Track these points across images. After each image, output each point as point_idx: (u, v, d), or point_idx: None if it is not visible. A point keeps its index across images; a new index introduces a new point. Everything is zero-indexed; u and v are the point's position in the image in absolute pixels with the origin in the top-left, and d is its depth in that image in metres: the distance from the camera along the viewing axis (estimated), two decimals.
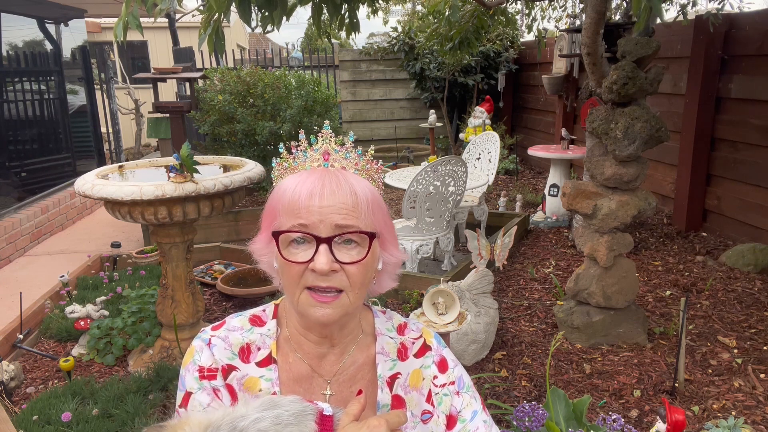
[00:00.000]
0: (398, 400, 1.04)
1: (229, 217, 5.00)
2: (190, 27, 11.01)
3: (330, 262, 0.91)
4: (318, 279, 0.93)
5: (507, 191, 6.26)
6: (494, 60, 8.20)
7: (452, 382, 1.07)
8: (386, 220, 1.02)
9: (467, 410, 1.07)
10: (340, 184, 0.95)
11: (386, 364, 1.06)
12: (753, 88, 4.14)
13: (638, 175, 2.90)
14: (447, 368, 1.08)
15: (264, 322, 1.07)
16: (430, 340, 1.11)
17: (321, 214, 0.92)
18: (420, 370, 1.07)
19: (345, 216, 0.93)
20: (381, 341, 1.07)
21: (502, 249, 3.02)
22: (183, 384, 1.02)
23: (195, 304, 3.05)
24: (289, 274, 0.95)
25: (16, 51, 5.90)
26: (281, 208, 0.96)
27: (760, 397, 2.59)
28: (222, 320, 1.08)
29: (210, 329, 1.06)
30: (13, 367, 2.91)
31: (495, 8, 4.29)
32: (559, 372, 2.88)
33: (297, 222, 0.93)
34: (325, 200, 0.93)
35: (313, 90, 5.89)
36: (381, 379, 1.04)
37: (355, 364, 1.05)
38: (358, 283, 0.95)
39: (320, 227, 0.92)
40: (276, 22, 2.55)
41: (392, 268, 1.06)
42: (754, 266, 3.88)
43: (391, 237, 1.03)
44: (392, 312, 1.15)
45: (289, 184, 0.97)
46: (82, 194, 2.65)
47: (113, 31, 2.33)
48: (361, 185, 0.97)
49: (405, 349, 1.08)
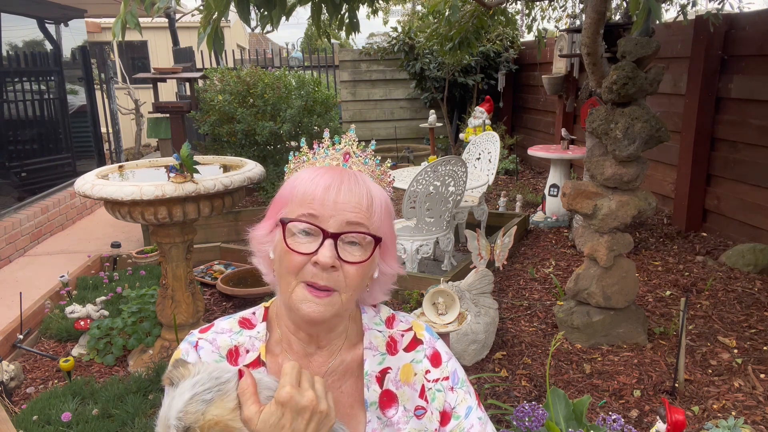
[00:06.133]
0: (389, 395, 1.03)
1: (229, 217, 5.00)
2: (190, 27, 11.01)
3: (333, 258, 0.91)
4: (317, 275, 0.92)
5: (507, 191, 6.25)
6: (494, 60, 8.20)
7: (446, 377, 1.06)
8: (392, 231, 1.02)
9: (462, 406, 1.05)
10: (358, 184, 0.96)
11: (375, 358, 1.04)
12: (753, 88, 4.14)
13: (638, 175, 2.90)
14: (440, 362, 1.07)
15: (253, 324, 1.05)
16: (421, 332, 1.09)
17: (334, 209, 0.92)
18: (411, 364, 1.05)
19: (357, 215, 0.93)
20: (368, 336, 1.06)
21: (502, 249, 3.02)
22: None
23: (195, 304, 3.05)
24: (288, 264, 0.94)
25: (16, 51, 5.90)
26: (293, 197, 0.96)
27: (760, 397, 2.58)
28: (211, 323, 1.07)
29: (198, 332, 1.04)
30: (13, 367, 2.91)
31: (495, 8, 4.29)
32: (559, 372, 2.88)
33: (308, 211, 0.93)
34: (342, 196, 0.93)
35: (313, 90, 5.88)
36: (368, 376, 1.03)
37: (343, 364, 1.04)
38: (354, 284, 0.94)
39: (330, 221, 0.92)
40: (275, 22, 2.55)
41: (387, 279, 1.05)
42: (754, 266, 3.88)
43: (392, 248, 1.03)
44: (381, 305, 1.12)
45: (307, 175, 0.97)
46: (82, 194, 2.65)
47: (112, 30, 2.33)
48: (377, 189, 0.98)
49: (394, 343, 1.06)
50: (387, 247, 1.02)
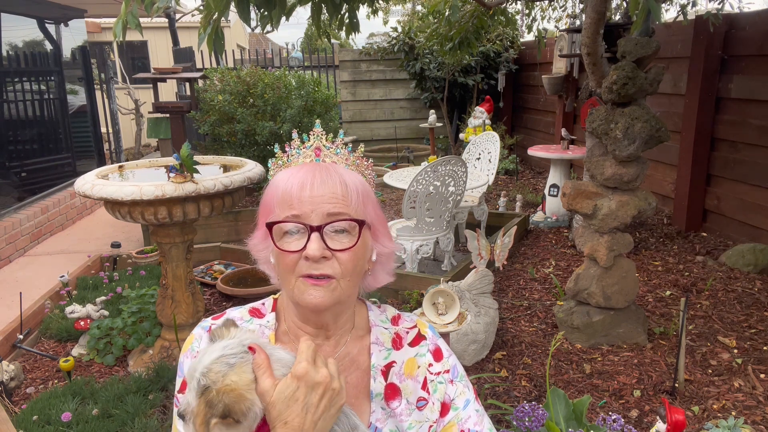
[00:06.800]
0: (393, 388, 1.06)
1: (229, 217, 5.00)
2: (190, 27, 11.01)
3: (321, 249, 0.95)
4: (311, 267, 0.96)
5: (507, 191, 6.25)
6: (494, 60, 8.20)
7: (447, 371, 1.10)
8: (377, 212, 1.05)
9: (460, 399, 1.09)
10: (330, 175, 0.99)
11: (381, 353, 1.08)
12: (753, 88, 4.14)
13: (638, 175, 2.90)
14: (442, 357, 1.11)
15: (263, 314, 1.10)
16: (424, 330, 1.14)
17: (312, 203, 0.96)
18: (415, 358, 1.09)
19: (335, 204, 0.97)
20: (375, 332, 1.10)
21: (502, 249, 3.02)
22: (182, 370, 1.05)
23: (195, 304, 3.05)
24: (284, 264, 0.98)
25: (16, 51, 5.90)
26: (275, 201, 1.00)
27: (760, 397, 2.58)
28: (222, 312, 1.12)
29: (210, 318, 1.10)
30: (13, 367, 2.91)
31: (495, 8, 4.29)
32: (559, 372, 2.88)
33: (290, 213, 0.97)
34: (316, 190, 0.97)
35: (313, 90, 5.89)
36: (375, 369, 1.07)
37: (349, 356, 1.07)
38: (349, 270, 0.98)
39: (312, 216, 0.96)
40: (275, 22, 2.55)
41: (386, 259, 1.09)
42: (754, 266, 3.88)
43: (382, 228, 1.07)
44: (387, 305, 1.17)
45: (282, 177, 1.01)
46: (82, 194, 2.65)
47: (112, 31, 2.33)
48: (351, 176, 1.01)
49: (400, 339, 1.11)
50: (377, 228, 1.05)
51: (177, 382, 1.06)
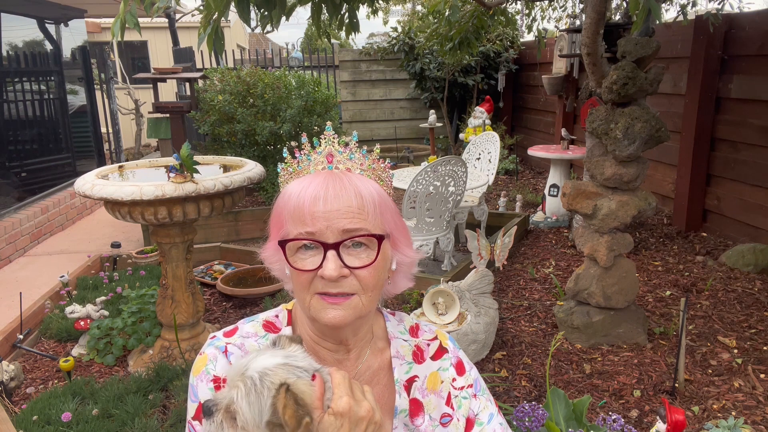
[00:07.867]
0: (416, 404, 1.02)
1: (229, 217, 5.00)
2: (190, 27, 11.01)
3: (339, 269, 0.89)
4: (328, 285, 0.91)
5: (507, 191, 6.25)
6: (494, 60, 8.20)
7: (470, 385, 1.07)
8: (396, 220, 0.99)
9: (484, 413, 1.06)
10: (344, 187, 0.92)
11: (402, 367, 1.04)
12: (753, 88, 4.14)
13: (638, 175, 2.90)
14: (464, 371, 1.07)
15: (279, 328, 1.04)
16: (446, 342, 1.09)
17: (327, 219, 0.90)
18: (438, 372, 1.05)
19: (351, 219, 0.90)
20: (395, 345, 1.05)
21: (502, 249, 3.02)
22: (195, 394, 0.97)
23: (195, 304, 3.05)
24: (298, 281, 0.93)
25: (16, 51, 5.90)
26: (287, 214, 0.94)
27: (760, 397, 2.58)
28: (233, 326, 1.04)
29: (223, 336, 1.02)
30: (13, 367, 2.91)
31: (495, 8, 4.29)
32: (559, 372, 2.88)
33: (304, 230, 0.91)
34: (330, 204, 0.90)
35: (313, 90, 5.89)
36: (398, 384, 1.02)
37: (370, 369, 1.03)
38: (370, 286, 0.93)
39: (327, 233, 0.90)
40: (275, 22, 2.55)
41: (407, 267, 1.04)
42: (754, 266, 3.88)
43: (403, 237, 1.01)
44: (401, 313, 1.12)
45: (294, 189, 0.94)
46: (82, 194, 2.65)
47: (111, 30, 2.32)
48: (366, 186, 0.94)
49: (421, 352, 1.06)
50: (396, 238, 0.99)
51: (189, 408, 0.98)
